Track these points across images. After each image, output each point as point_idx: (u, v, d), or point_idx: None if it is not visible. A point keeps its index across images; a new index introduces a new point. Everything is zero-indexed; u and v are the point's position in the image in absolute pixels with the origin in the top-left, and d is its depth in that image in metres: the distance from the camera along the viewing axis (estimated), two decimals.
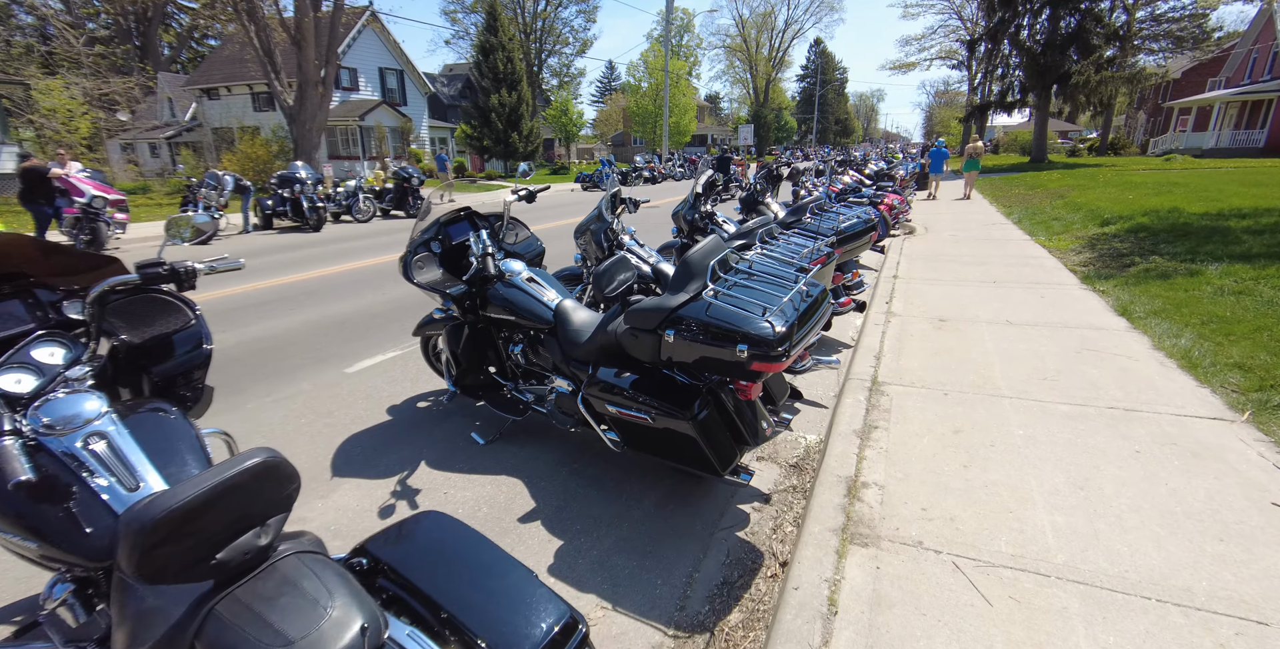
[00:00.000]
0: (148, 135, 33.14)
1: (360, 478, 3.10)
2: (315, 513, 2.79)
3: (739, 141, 40.18)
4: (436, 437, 3.55)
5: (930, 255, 8.46)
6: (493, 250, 3.16)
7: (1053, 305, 5.73)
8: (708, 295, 2.39)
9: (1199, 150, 29.02)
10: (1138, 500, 2.61)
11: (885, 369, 4.29)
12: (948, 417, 3.51)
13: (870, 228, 4.90)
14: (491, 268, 3.01)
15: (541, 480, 3.07)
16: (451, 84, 50.91)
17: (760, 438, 2.77)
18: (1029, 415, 3.48)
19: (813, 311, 2.50)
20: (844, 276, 5.15)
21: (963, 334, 5.00)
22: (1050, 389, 3.83)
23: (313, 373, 4.54)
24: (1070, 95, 25.07)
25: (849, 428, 3.41)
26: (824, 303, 2.61)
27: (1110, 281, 6.39)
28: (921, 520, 2.54)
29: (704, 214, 5.99)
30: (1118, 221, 9.53)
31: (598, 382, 2.72)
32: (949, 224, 11.51)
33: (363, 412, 3.88)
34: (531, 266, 3.56)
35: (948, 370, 4.21)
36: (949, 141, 43.52)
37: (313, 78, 21.78)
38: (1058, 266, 7.40)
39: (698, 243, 5.97)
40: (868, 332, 5.16)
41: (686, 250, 6.38)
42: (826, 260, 3.74)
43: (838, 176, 11.07)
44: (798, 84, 79.90)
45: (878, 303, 6.10)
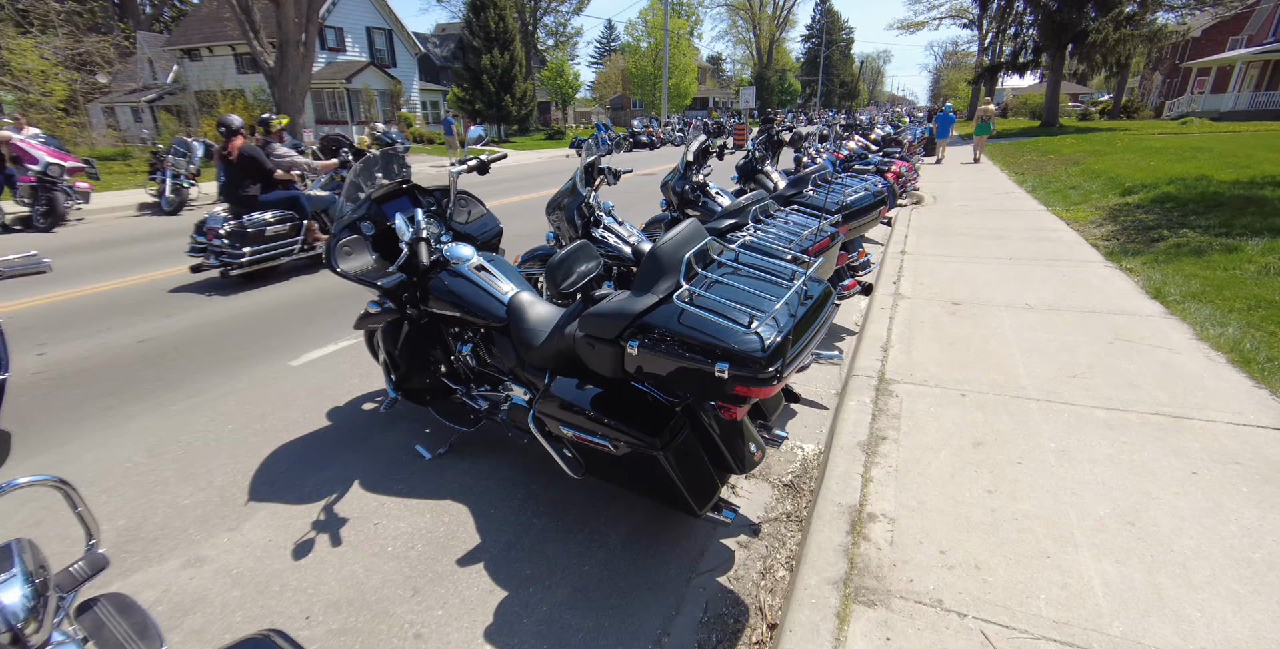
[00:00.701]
0: (129, 99, 32.04)
1: (280, 503, 2.64)
2: (216, 551, 2.35)
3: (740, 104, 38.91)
4: (378, 448, 3.09)
5: (940, 228, 7.90)
6: (428, 234, 2.63)
7: (1076, 286, 5.21)
8: (680, 298, 1.89)
9: (1216, 113, 27.97)
10: (1204, 542, 2.16)
11: (894, 363, 3.81)
12: (967, 425, 3.04)
13: (879, 201, 4.36)
14: (424, 256, 2.50)
15: (492, 507, 2.62)
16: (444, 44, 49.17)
17: (748, 465, 2.31)
18: (1060, 423, 3.01)
19: (813, 318, 2.00)
20: (849, 256, 4.63)
21: (979, 320, 4.50)
22: (1082, 389, 3.35)
23: (254, 366, 4.06)
24: (1086, 55, 23.96)
25: (852, 439, 2.95)
26: (827, 305, 2.11)
27: (1138, 258, 5.85)
28: (940, 568, 2.09)
29: (695, 185, 5.43)
30: (1141, 190, 8.92)
31: (552, 397, 2.24)
32: (959, 193, 10.89)
33: (300, 415, 3.42)
34: (485, 251, 3.05)
35: (964, 365, 3.73)
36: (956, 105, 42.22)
37: (293, 37, 20.77)
38: (1078, 241, 6.85)
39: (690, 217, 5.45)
40: (874, 317, 4.66)
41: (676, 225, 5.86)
42: (830, 243, 3.22)
43: (843, 142, 10.43)
44: (802, 45, 77.56)
45: (884, 282, 5.59)
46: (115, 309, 5.29)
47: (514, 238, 8.05)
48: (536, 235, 7.74)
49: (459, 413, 2.98)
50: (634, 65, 45.21)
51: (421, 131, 30.12)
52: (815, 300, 2.05)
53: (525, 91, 31.53)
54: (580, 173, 4.00)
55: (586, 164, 4.05)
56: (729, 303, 1.85)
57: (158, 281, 6.23)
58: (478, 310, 2.69)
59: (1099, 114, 35.49)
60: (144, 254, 7.58)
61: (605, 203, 4.09)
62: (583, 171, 4.04)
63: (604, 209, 4.07)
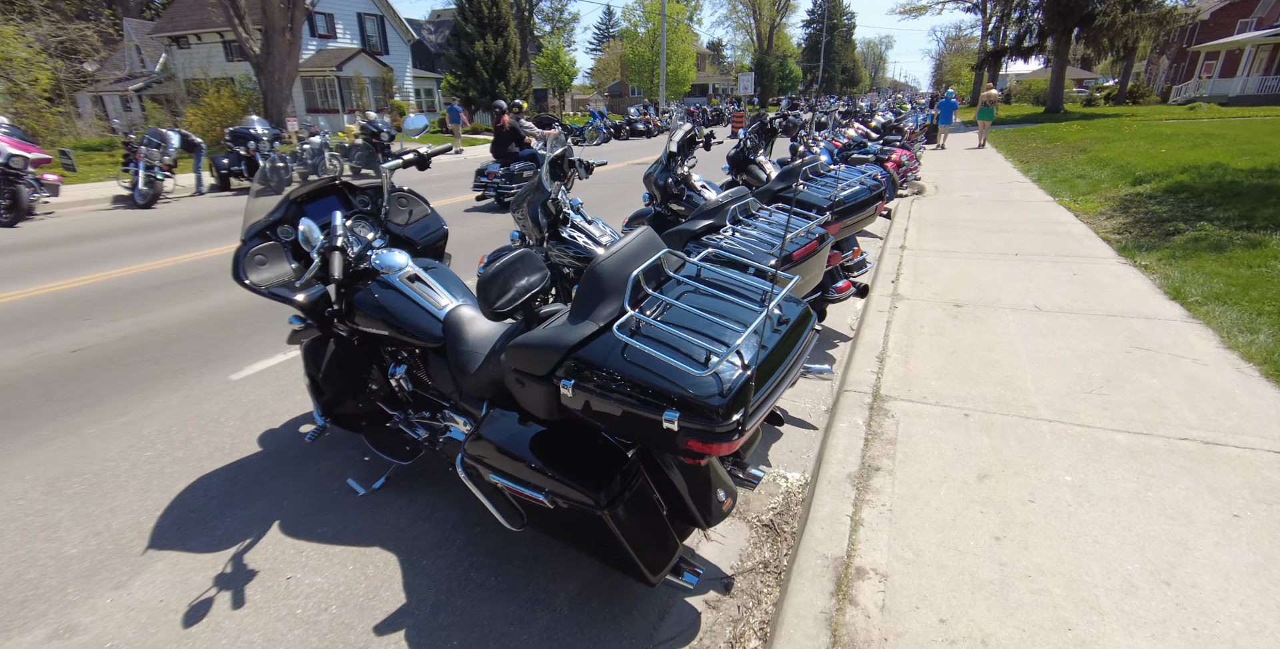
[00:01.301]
0: (117, 88, 31.48)
1: (183, 551, 2.31)
2: (94, 617, 2.01)
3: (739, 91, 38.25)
4: (307, 480, 2.75)
5: (942, 220, 7.52)
6: (347, 240, 2.26)
7: (1088, 285, 4.85)
8: (622, 329, 1.53)
9: (1225, 98, 27.37)
10: (1255, 610, 1.82)
11: (891, 376, 3.46)
12: (970, 451, 2.70)
13: (876, 196, 4.00)
14: (336, 269, 2.14)
15: (425, 556, 2.28)
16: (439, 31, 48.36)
17: (715, 517, 1.97)
18: (1076, 450, 2.67)
19: (787, 349, 1.65)
20: (843, 255, 4.26)
21: (983, 325, 4.14)
22: (1099, 408, 3.00)
23: (190, 380, 3.72)
24: (1093, 38, 23.35)
25: (841, 470, 2.60)
26: (805, 331, 1.75)
27: (1153, 254, 5.48)
28: (941, 644, 1.75)
29: (679, 178, 5.05)
30: (1152, 179, 8.51)
31: (481, 440, 1.89)
32: (962, 182, 10.48)
33: (229, 438, 3.07)
34: (425, 258, 2.69)
35: (968, 378, 3.38)
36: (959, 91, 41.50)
37: (279, 23, 20.25)
38: (1088, 234, 6.47)
39: (674, 212, 5.08)
40: (870, 321, 4.31)
41: (660, 221, 5.49)
42: (818, 246, 2.86)
43: (841, 130, 10.01)
44: (803, 30, 76.43)
45: (882, 281, 5.22)
46: (59, 313, 4.94)
47: (502, 235, 7.71)
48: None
49: (394, 443, 2.63)
50: (631, 51, 44.45)
51: None
52: (791, 327, 1.70)
53: (520, 79, 30.93)
54: (547, 167, 3.63)
55: (553, 157, 3.67)
56: (682, 334, 1.50)
57: (114, 282, 5.87)
58: (409, 328, 2.34)
59: (1104, 99, 34.83)
60: (106, 250, 7.22)
61: (574, 199, 3.72)
62: (548, 166, 3.67)
63: (572, 206, 3.70)
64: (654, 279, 1.73)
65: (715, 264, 1.92)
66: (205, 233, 8.27)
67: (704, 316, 1.58)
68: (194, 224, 9.06)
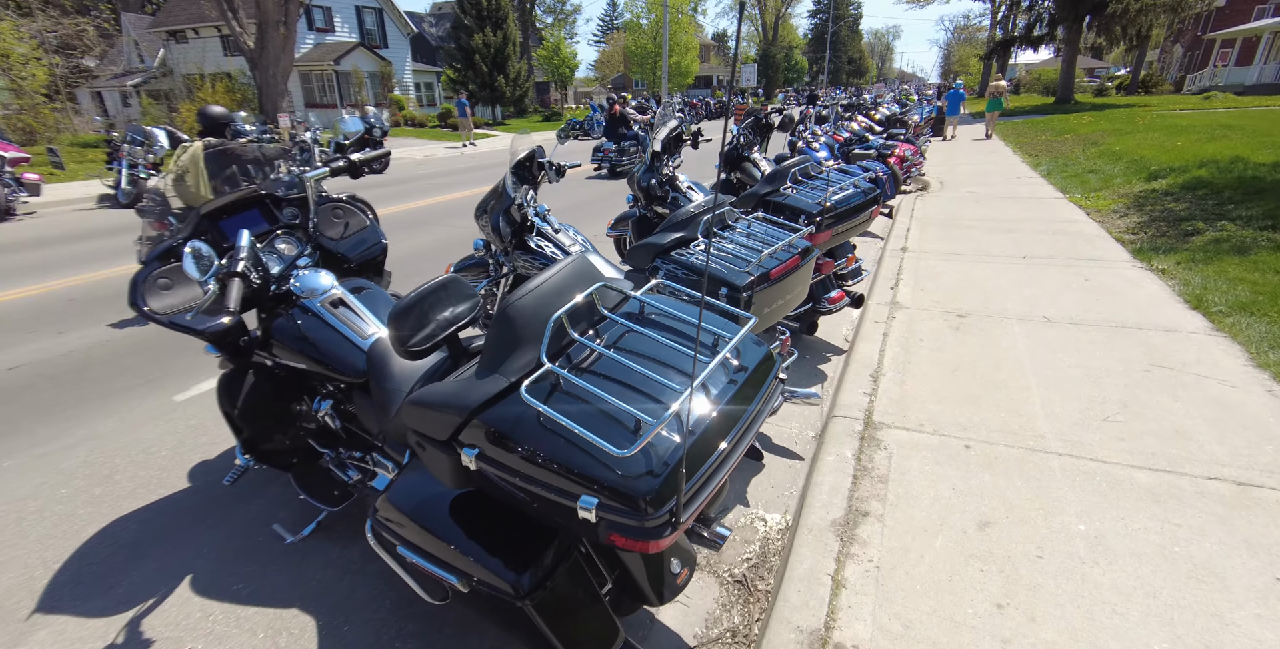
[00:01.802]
0: (115, 83, 31.28)
1: (75, 615, 2.04)
2: None
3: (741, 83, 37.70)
4: (234, 523, 2.48)
5: (946, 218, 7.18)
6: (245, 266, 1.97)
7: (1101, 292, 4.52)
8: (530, 394, 1.23)
9: (1241, 87, 26.72)
10: None
11: (885, 399, 3.16)
12: (971, 492, 2.40)
13: (871, 201, 3.69)
14: (233, 298, 1.84)
15: (348, 620, 2.01)
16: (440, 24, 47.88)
17: (668, 593, 1.68)
18: (1090, 491, 2.37)
19: (739, 410, 1.35)
20: (835, 263, 3.95)
21: (988, 338, 3.84)
22: (1116, 438, 2.70)
23: (130, 402, 3.46)
24: (1105, 27, 22.79)
25: (825, 516, 2.32)
26: (765, 384, 1.46)
27: (1171, 257, 5.14)
28: None
29: (664, 179, 4.74)
30: (1168, 175, 8.13)
31: (389, 502, 1.61)
32: (968, 177, 10.11)
33: (158, 472, 2.81)
34: (356, 278, 2.41)
35: (970, 402, 3.08)
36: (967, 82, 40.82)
37: (273, 17, 19.95)
38: (1100, 234, 6.13)
39: (659, 216, 4.78)
40: (865, 333, 4.00)
41: (645, 224, 5.18)
42: (800, 261, 2.56)
43: (843, 124, 9.66)
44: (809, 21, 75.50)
45: (881, 286, 4.91)
46: (3, 326, 4.69)
47: None
48: None
49: (324, 485, 2.36)
50: (634, 43, 43.91)
51: (413, 115, 29.25)
52: (749, 377, 1.41)
53: (520, 71, 30.54)
54: (510, 171, 3.33)
55: (519, 161, 3.38)
56: (607, 397, 1.21)
57: (73, 288, 5.62)
58: (329, 360, 2.06)
59: (1115, 89, 34.14)
60: (76, 254, 6.98)
61: (540, 206, 3.43)
62: (513, 169, 3.38)
63: (539, 212, 3.41)
64: (584, 321, 1.44)
65: (669, 296, 1.62)
66: None
67: (638, 372, 1.29)
68: None
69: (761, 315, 2.44)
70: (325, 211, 2.54)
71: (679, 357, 1.36)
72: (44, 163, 14.06)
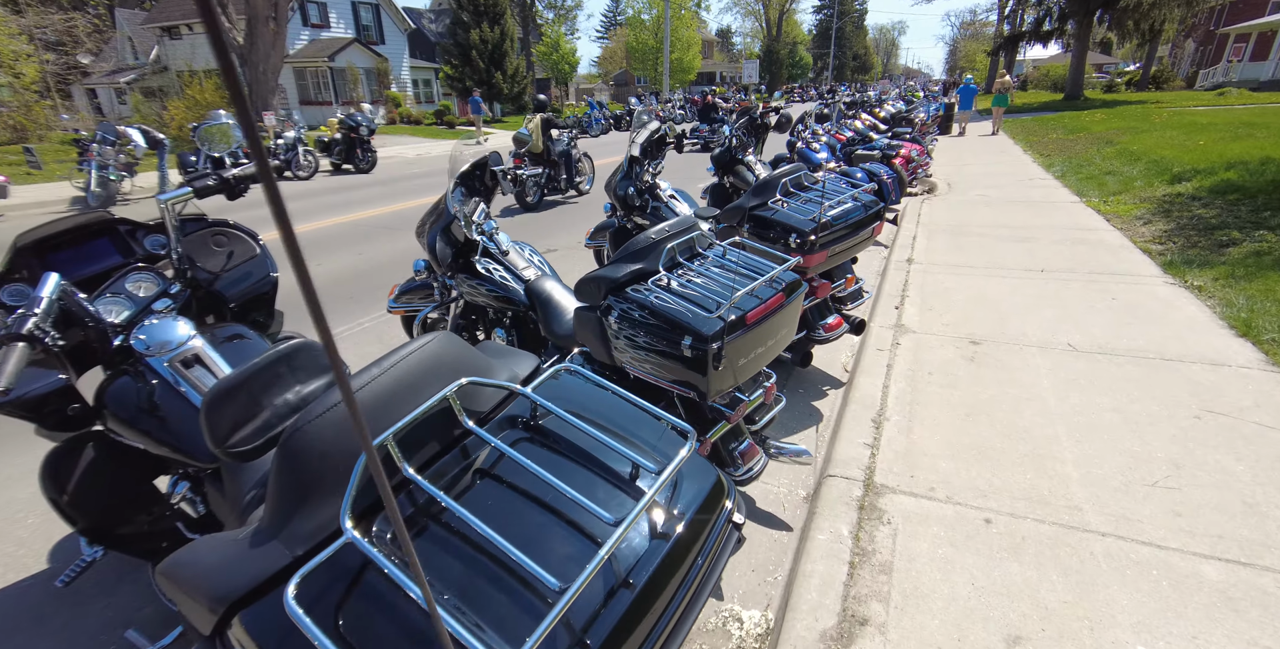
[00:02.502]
0: (108, 80, 30.88)
1: None
2: None
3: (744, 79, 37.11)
4: (84, 622, 2.02)
5: (956, 225, 6.68)
6: (34, 327, 1.49)
7: (1131, 314, 4.04)
8: (295, 604, 0.75)
9: (1256, 83, 26.03)
10: None
11: (888, 453, 2.69)
12: (995, 591, 1.93)
13: (873, 216, 3.21)
14: (7, 372, 1.38)
15: None
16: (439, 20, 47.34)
17: None
18: (1147, 593, 1.89)
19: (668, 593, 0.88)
20: (833, 285, 3.48)
21: (1006, 371, 3.36)
22: (1171, 513, 2.22)
23: (7, 455, 2.99)
24: (1118, 21, 22.16)
25: (813, 625, 1.85)
26: (713, 529, 0.98)
27: (1207, 271, 4.65)
28: None
29: (643, 187, 4.27)
30: (1194, 177, 7.61)
31: None
32: (977, 178, 9.60)
33: (14, 547, 2.35)
34: (229, 325, 1.94)
35: (988, 458, 2.60)
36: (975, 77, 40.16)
37: (262, 12, 19.51)
38: (1125, 245, 5.63)
39: (640, 227, 4.30)
40: (866, 365, 3.53)
41: (624, 235, 4.70)
42: (785, 299, 2.08)
43: (846, 122, 9.15)
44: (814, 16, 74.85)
45: (884, 305, 4.43)
46: None
47: None
48: None
49: None
50: (635, 39, 43.32)
51: (410, 112, 28.75)
52: (681, 537, 0.93)
53: (518, 68, 30.03)
54: (453, 184, 2.86)
55: (463, 172, 2.90)
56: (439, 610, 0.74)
57: None
58: (174, 438, 1.60)
59: (1125, 85, 33.47)
60: None
61: (488, 222, 2.95)
62: (459, 179, 2.91)
63: (487, 231, 2.93)
64: (439, 438, 0.97)
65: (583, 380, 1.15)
66: None
67: (505, 540, 0.81)
68: None
69: (736, 369, 1.97)
70: (201, 239, 2.08)
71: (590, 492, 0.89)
72: (20, 163, 13.66)
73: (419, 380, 0.97)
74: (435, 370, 1.00)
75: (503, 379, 1.06)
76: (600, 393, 1.09)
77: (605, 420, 1.04)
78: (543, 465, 0.89)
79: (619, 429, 1.02)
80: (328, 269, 6.06)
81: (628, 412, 1.06)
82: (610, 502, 0.88)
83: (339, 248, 6.87)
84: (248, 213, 2.98)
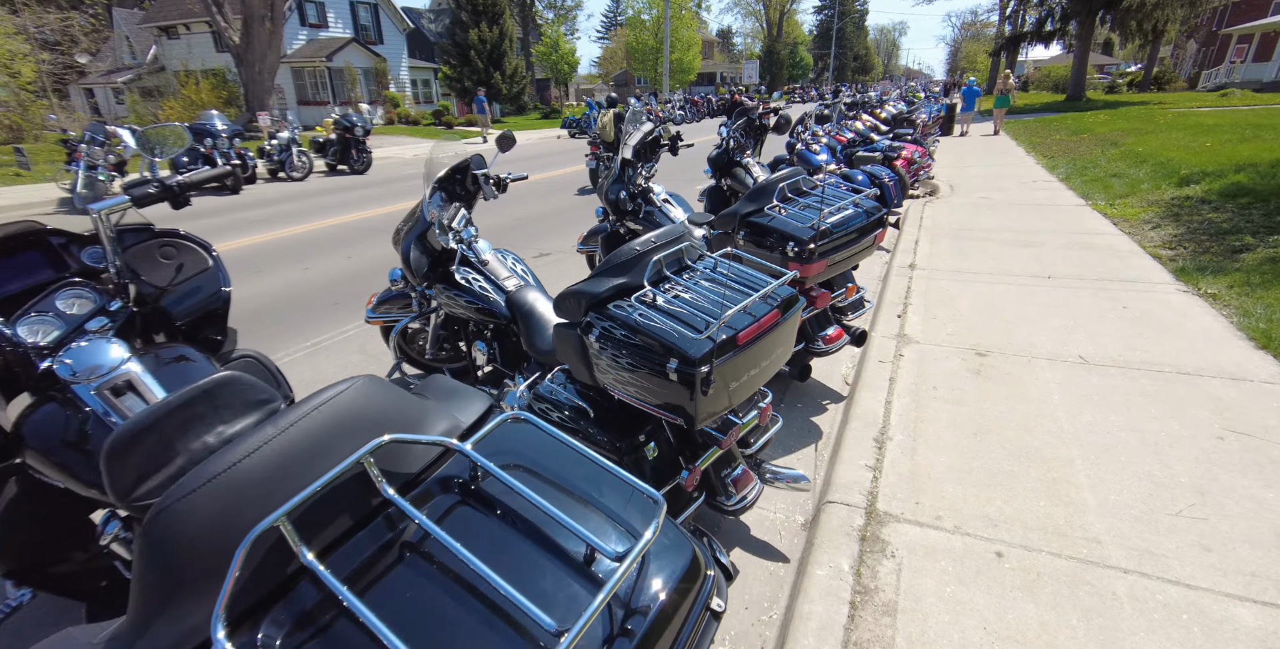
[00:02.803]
0: (105, 80, 30.74)
1: None
2: None
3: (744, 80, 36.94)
4: None
5: (959, 229, 6.52)
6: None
7: (1144, 324, 3.87)
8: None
9: (1259, 84, 25.88)
10: None
11: (891, 476, 2.52)
12: (1009, 637, 1.76)
13: (875, 222, 3.04)
14: None
15: None
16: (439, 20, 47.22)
17: None
18: (1178, 641, 1.72)
19: None
20: (833, 295, 3.31)
21: (1015, 386, 3.19)
22: (1198, 546, 2.06)
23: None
24: (1120, 22, 22.00)
25: None
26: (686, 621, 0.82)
27: (1221, 279, 4.48)
28: None
29: (635, 191, 4.11)
30: (1203, 180, 7.45)
31: None
32: (980, 180, 9.43)
33: None
34: (172, 346, 1.78)
35: (998, 482, 2.44)
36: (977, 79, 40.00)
37: (258, 11, 19.37)
38: (1134, 250, 5.46)
39: (632, 232, 4.14)
40: (867, 378, 3.36)
41: (616, 241, 4.53)
42: (780, 317, 1.92)
43: (847, 123, 8.99)
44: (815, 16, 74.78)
45: (886, 313, 4.27)
46: None
47: None
48: None
49: None
50: (635, 39, 43.16)
51: (408, 112, 28.61)
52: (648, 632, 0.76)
53: (517, 68, 29.88)
54: (429, 190, 2.69)
55: (441, 177, 2.73)
56: None
57: None
58: (96, 476, 1.44)
59: (1127, 86, 33.31)
60: None
61: (467, 230, 2.78)
62: (438, 183, 2.74)
63: (466, 238, 2.77)
64: (349, 511, 0.80)
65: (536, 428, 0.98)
66: None
67: None
68: None
69: (728, 393, 1.81)
70: (147, 251, 1.91)
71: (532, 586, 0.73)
72: (9, 163, 13.50)
73: (331, 438, 0.81)
74: (353, 425, 0.83)
75: (440, 430, 0.90)
76: (556, 446, 0.93)
77: (560, 481, 0.87)
78: (476, 546, 0.73)
79: (576, 492, 0.86)
80: (314, 273, 5.90)
81: (587, 471, 0.90)
82: (556, 597, 0.72)
83: (328, 251, 6.71)
84: (203, 222, 2.83)
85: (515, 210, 8.86)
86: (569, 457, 0.92)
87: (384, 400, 0.88)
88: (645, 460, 1.98)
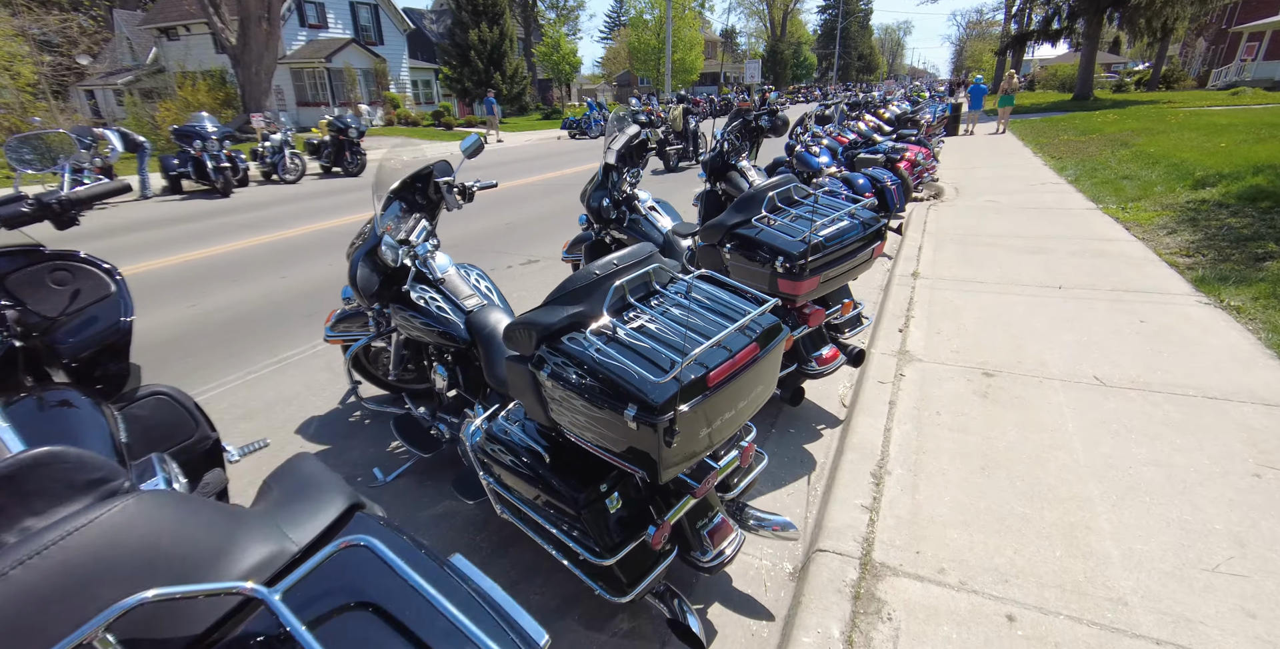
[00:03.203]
0: (105, 81, 30.66)
1: None
2: None
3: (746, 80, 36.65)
4: None
5: (964, 234, 6.25)
6: None
7: (1163, 340, 3.61)
8: None
9: (1270, 82, 25.47)
10: None
11: (889, 519, 2.27)
12: None
13: (874, 234, 2.79)
14: None
15: None
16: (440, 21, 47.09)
17: None
18: None
19: None
20: (828, 312, 3.06)
21: (1025, 411, 2.93)
22: (1241, 612, 1.80)
23: None
24: (1128, 20, 21.65)
25: None
26: None
27: (1244, 289, 4.21)
28: None
29: (619, 198, 3.87)
30: (1219, 182, 7.16)
31: None
32: (986, 182, 9.15)
33: None
34: (59, 391, 1.54)
35: (1008, 528, 2.18)
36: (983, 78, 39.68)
37: (255, 12, 19.20)
38: (1149, 257, 5.19)
39: (618, 241, 3.90)
40: (865, 401, 3.11)
41: (600, 250, 4.29)
42: (758, 352, 1.67)
43: (849, 124, 8.72)
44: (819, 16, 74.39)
45: (887, 327, 4.01)
46: None
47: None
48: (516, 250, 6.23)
49: None
50: (637, 39, 42.90)
51: (408, 113, 28.44)
52: None
53: (517, 68, 29.67)
54: (385, 200, 2.46)
55: (397, 186, 2.50)
56: None
57: None
58: None
59: (1135, 85, 32.91)
60: None
61: (422, 246, 2.54)
62: (395, 193, 2.51)
63: (420, 254, 2.53)
64: None
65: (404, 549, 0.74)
66: (127, 246, 7.18)
67: None
68: (120, 235, 8.00)
69: (695, 440, 1.56)
70: (36, 276, 1.68)
71: None
72: (1, 166, 13.33)
73: (71, 590, 0.57)
74: (108, 569, 0.59)
75: (254, 560, 0.66)
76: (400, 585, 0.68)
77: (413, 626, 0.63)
78: None
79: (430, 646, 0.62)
80: (291, 282, 5.68)
81: (433, 620, 0.65)
82: None
83: (309, 258, 6.48)
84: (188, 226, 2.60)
85: (507, 214, 8.63)
86: (417, 599, 0.67)
87: (160, 529, 0.64)
88: (606, 514, 1.74)
